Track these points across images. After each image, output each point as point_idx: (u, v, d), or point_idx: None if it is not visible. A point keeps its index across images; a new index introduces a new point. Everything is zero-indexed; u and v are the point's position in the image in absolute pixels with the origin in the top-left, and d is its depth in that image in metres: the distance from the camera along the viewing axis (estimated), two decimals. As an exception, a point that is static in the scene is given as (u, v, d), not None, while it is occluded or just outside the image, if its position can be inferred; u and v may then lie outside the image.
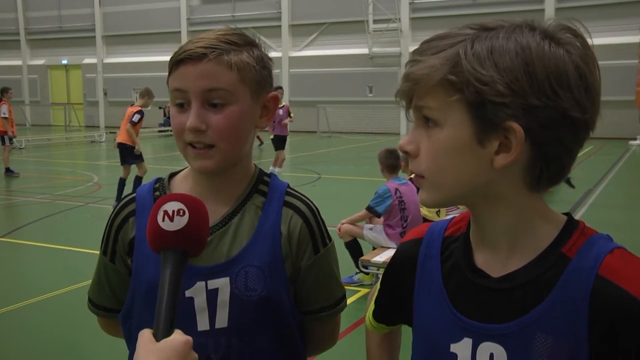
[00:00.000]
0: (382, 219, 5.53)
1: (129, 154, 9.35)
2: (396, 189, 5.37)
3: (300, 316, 1.35)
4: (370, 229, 5.59)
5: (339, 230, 5.62)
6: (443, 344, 0.99)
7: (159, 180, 1.36)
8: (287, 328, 1.31)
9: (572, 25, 0.89)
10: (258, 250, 1.26)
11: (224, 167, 1.24)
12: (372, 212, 5.47)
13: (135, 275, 1.28)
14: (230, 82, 1.20)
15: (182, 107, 1.22)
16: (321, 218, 1.35)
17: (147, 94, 9.56)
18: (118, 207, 1.35)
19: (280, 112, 11.68)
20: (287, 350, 1.32)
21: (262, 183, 1.33)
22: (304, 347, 1.38)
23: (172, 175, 1.36)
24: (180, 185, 1.33)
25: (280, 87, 12.34)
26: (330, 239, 1.36)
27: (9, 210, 9.94)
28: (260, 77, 1.26)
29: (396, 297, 1.13)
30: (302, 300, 1.33)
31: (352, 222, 5.69)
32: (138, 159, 9.36)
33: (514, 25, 0.88)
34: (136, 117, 9.30)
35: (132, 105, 9.70)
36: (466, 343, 0.96)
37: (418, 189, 0.97)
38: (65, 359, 4.27)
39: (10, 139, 13.27)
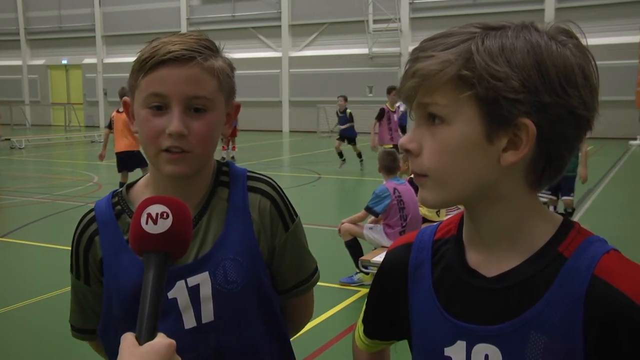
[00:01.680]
0: (381, 218, 5.54)
1: (137, 160, 8.87)
2: (395, 189, 5.40)
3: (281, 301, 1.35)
4: (370, 228, 5.59)
5: (340, 231, 5.63)
6: (437, 349, 0.98)
7: (116, 194, 1.33)
8: (274, 317, 1.31)
9: (569, 28, 0.90)
10: (231, 242, 1.26)
11: (195, 172, 1.24)
12: (371, 212, 5.49)
13: (109, 290, 1.26)
14: (212, 90, 1.20)
15: (160, 109, 1.18)
16: (285, 195, 1.36)
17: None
18: (79, 229, 1.32)
19: (395, 117, 9.65)
20: (276, 343, 1.32)
21: (222, 174, 1.33)
22: (289, 338, 1.39)
23: (129, 186, 1.34)
24: (141, 195, 1.28)
25: (395, 88, 10.04)
26: (296, 214, 1.37)
27: (8, 210, 9.93)
28: (232, 84, 1.27)
29: (389, 307, 1.10)
30: (279, 280, 1.34)
31: (352, 223, 5.69)
32: (144, 162, 8.96)
33: (519, 25, 0.89)
34: None
35: (117, 111, 8.97)
36: (460, 346, 0.95)
37: (416, 189, 0.96)
38: (65, 359, 4.27)
39: None
